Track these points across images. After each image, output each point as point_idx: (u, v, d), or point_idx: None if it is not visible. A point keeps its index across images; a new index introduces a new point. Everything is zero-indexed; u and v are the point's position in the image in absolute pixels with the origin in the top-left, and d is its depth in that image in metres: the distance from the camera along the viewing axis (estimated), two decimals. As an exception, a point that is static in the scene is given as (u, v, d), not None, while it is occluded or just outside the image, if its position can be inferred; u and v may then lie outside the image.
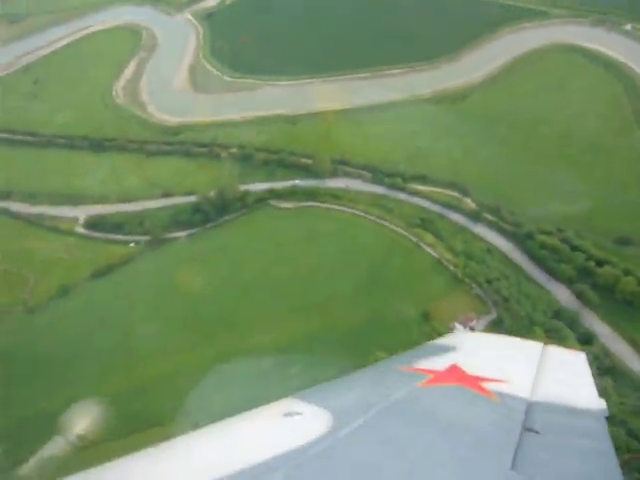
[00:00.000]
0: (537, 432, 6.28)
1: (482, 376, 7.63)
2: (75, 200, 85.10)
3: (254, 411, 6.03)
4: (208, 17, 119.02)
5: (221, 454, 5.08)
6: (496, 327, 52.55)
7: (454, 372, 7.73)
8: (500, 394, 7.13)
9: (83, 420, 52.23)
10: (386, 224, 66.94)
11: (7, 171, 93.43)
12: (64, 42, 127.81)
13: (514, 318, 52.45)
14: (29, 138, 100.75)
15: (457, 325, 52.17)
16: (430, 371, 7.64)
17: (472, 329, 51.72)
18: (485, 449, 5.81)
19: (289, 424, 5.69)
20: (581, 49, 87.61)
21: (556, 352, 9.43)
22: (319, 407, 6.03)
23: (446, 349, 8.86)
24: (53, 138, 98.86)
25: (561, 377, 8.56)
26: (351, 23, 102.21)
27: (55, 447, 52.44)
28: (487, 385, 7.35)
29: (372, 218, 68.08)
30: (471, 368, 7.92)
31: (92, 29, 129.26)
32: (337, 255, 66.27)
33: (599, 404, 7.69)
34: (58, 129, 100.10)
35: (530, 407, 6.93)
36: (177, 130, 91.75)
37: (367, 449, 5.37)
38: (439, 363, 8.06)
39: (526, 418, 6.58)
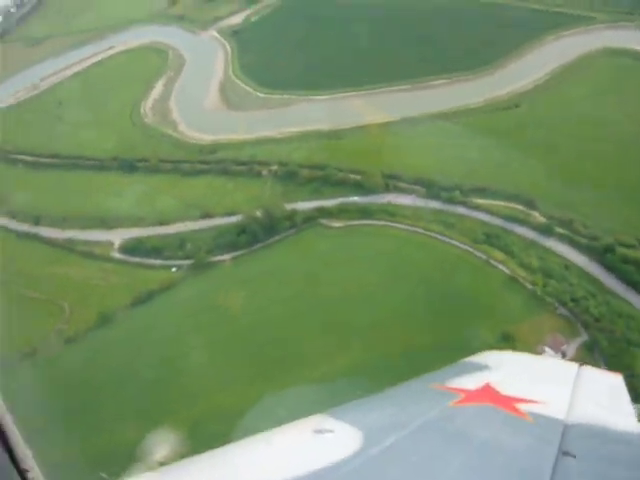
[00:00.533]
0: (574, 456, 5.97)
1: (516, 396, 7.38)
2: (108, 223, 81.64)
3: (285, 427, 6.06)
4: (235, 34, 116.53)
5: (252, 469, 5.16)
6: (590, 351, 48.05)
7: (487, 392, 7.50)
8: (535, 415, 6.88)
9: (161, 449, 48.33)
10: (448, 240, 62.82)
11: (35, 195, 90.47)
12: (87, 63, 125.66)
13: (610, 340, 47.86)
14: (56, 161, 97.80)
15: (546, 349, 47.57)
16: (463, 390, 7.46)
17: (564, 354, 47.15)
18: (519, 472, 5.71)
19: (321, 441, 5.67)
20: (633, 53, 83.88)
21: (592, 373, 9.18)
22: (350, 425, 6.00)
23: (479, 368, 8.61)
24: (81, 160, 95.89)
25: (598, 399, 8.27)
26: (388, 35, 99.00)
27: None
28: (521, 406, 7.07)
29: (432, 235, 63.97)
30: (505, 388, 7.67)
31: (116, 49, 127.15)
32: (396, 275, 62.14)
33: (638, 428, 7.29)
34: (86, 151, 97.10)
35: (566, 429, 6.64)
36: (212, 148, 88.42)
37: (398, 468, 5.35)
38: (472, 382, 7.87)
39: (562, 441, 6.27)
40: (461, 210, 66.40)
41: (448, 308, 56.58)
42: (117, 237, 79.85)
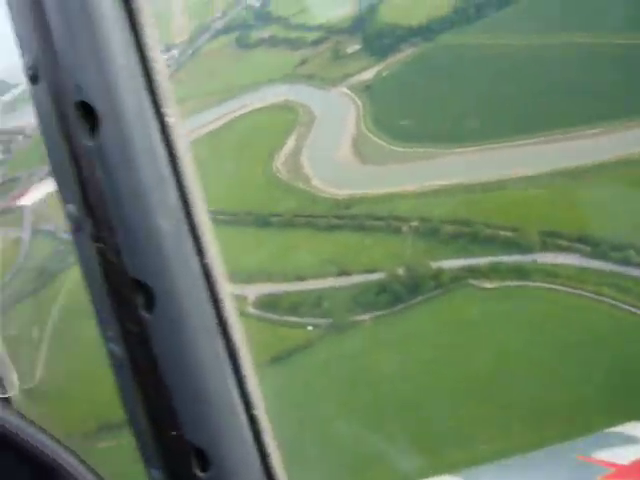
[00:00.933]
0: None
1: None
2: (243, 278, 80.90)
3: None
4: (366, 90, 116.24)
5: None
6: None
7: None
8: None
9: None
10: (622, 306, 55.73)
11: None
12: (221, 122, 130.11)
13: None
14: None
15: None
16: (612, 464, 6.28)
17: None
18: None
19: None
20: None
21: None
22: None
23: (631, 440, 7.05)
24: (215, 214, 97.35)
25: None
26: (530, 83, 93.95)
27: None
28: None
29: (602, 299, 57.12)
30: None
31: (248, 108, 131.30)
32: (561, 345, 55.20)
33: None
34: (220, 205, 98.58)
35: None
36: (347, 203, 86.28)
37: None
38: (622, 455, 6.52)
39: None
40: (636, 272, 59.38)
41: (629, 386, 49.24)
42: (251, 292, 79.03)
